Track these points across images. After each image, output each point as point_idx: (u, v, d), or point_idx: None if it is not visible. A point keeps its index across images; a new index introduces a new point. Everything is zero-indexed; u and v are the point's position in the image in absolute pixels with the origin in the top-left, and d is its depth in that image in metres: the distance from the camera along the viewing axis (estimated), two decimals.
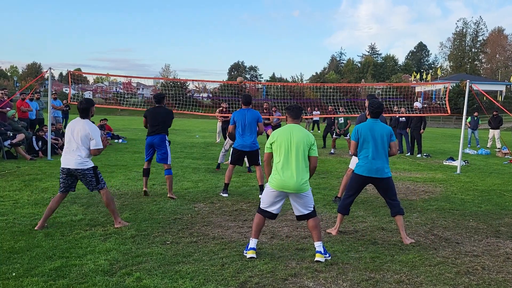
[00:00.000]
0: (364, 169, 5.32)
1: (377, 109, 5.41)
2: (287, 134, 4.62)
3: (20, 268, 4.05)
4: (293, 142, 4.56)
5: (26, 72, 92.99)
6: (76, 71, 33.25)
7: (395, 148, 5.40)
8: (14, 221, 5.58)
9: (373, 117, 5.44)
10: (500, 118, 19.41)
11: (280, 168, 4.56)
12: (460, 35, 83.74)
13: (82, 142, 5.34)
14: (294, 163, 4.53)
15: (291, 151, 4.55)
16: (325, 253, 4.56)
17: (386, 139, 5.32)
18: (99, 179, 5.46)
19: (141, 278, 3.92)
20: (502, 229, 5.99)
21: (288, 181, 4.50)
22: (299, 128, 4.68)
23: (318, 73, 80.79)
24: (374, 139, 5.29)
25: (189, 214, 6.24)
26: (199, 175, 9.55)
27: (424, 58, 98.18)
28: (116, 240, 4.93)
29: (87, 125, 5.39)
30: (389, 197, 5.36)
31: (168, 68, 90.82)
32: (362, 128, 5.38)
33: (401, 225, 5.31)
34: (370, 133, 5.31)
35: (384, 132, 5.33)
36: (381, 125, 5.40)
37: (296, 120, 4.77)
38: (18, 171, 9.26)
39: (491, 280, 4.17)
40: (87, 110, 5.46)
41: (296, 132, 4.61)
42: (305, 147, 4.57)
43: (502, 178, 10.51)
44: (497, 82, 66.54)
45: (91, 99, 5.79)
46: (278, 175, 4.55)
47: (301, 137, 4.59)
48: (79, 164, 5.33)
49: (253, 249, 4.59)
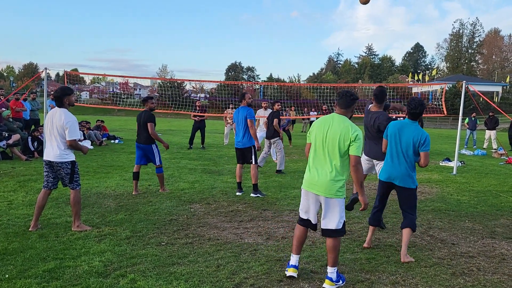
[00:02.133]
0: (384, 174, 4.85)
1: (414, 109, 4.67)
2: (325, 124, 3.94)
3: (14, 269, 4.02)
4: (329, 134, 3.87)
5: (23, 72, 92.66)
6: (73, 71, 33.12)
7: (424, 159, 4.60)
8: (8, 222, 5.55)
9: (410, 118, 4.73)
10: (496, 119, 19.46)
11: (311, 165, 3.99)
12: (457, 36, 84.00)
13: (59, 133, 5.17)
14: (325, 159, 3.88)
15: (324, 146, 3.90)
16: (337, 280, 3.89)
17: (412, 145, 4.61)
18: (73, 178, 5.28)
19: (135, 279, 3.89)
20: (497, 230, 5.99)
21: (317, 179, 3.89)
22: (342, 119, 3.91)
23: (315, 73, 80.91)
24: (400, 142, 4.68)
25: (185, 215, 6.22)
26: (195, 176, 9.53)
27: (421, 59, 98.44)
28: (110, 242, 4.91)
29: (63, 115, 5.16)
30: (405, 209, 4.78)
31: (165, 68, 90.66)
32: (392, 126, 4.83)
33: (406, 240, 4.69)
34: (398, 135, 4.71)
35: (415, 137, 4.60)
36: (416, 128, 4.66)
37: (343, 111, 3.97)
38: (13, 172, 9.21)
39: (486, 281, 4.17)
40: (59, 99, 5.21)
41: (335, 124, 3.89)
42: (342, 142, 3.81)
43: (498, 179, 10.53)
44: (494, 83, 66.75)
45: (67, 87, 5.45)
46: (308, 172, 4.00)
47: (340, 130, 3.83)
48: (57, 157, 5.18)
49: (294, 266, 4.03)
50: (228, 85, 38.74)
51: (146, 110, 7.63)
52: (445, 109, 13.18)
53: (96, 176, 9.03)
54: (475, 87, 14.84)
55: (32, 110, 14.13)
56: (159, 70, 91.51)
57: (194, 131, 15.57)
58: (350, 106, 3.98)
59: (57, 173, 5.33)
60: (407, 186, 4.70)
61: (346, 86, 24.17)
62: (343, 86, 23.43)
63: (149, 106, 7.69)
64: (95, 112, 40.60)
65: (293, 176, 9.95)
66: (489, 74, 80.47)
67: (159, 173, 7.65)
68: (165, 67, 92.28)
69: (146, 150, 7.57)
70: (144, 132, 7.49)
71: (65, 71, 13.68)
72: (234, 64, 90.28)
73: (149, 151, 7.57)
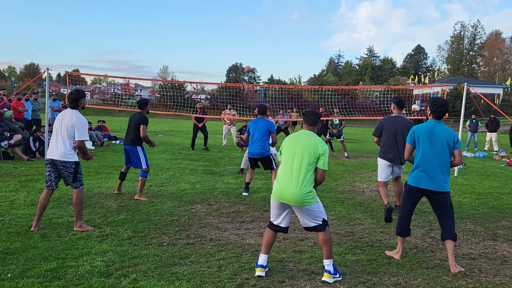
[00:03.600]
0: (419, 179, 4.56)
1: (441, 107, 4.56)
2: (295, 141, 4.21)
3: (16, 269, 4.03)
4: (298, 149, 4.12)
5: (24, 73, 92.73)
6: (74, 72, 33.19)
7: (459, 157, 4.57)
8: (10, 222, 5.56)
9: (435, 117, 4.59)
10: (497, 121, 19.45)
11: (280, 177, 4.17)
12: (458, 38, 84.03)
13: (68, 132, 5.24)
14: (294, 172, 4.07)
15: (294, 159, 4.12)
16: (334, 273, 4.07)
17: (447, 146, 4.51)
18: (76, 178, 5.33)
19: (137, 279, 3.90)
20: (499, 232, 5.99)
21: (286, 191, 4.06)
22: (310, 135, 4.20)
23: (316, 75, 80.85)
24: (433, 144, 4.52)
25: (186, 216, 6.22)
26: (197, 177, 9.53)
27: (422, 61, 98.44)
28: (112, 242, 4.91)
29: (75, 116, 5.28)
30: (442, 215, 4.57)
31: (166, 69, 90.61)
32: (419, 130, 4.61)
33: (451, 250, 4.50)
34: (429, 137, 4.55)
35: (447, 137, 4.52)
36: (443, 128, 4.57)
37: (311, 128, 4.28)
38: (15, 172, 9.23)
39: (488, 283, 4.17)
40: (76, 101, 5.38)
41: (304, 140, 4.16)
42: (311, 156, 4.06)
43: (499, 181, 10.52)
44: (495, 85, 66.77)
45: (82, 90, 5.70)
46: (277, 184, 4.18)
47: (309, 145, 4.10)
48: (62, 156, 5.22)
49: (261, 266, 4.15)
50: (229, 86, 38.74)
51: (141, 113, 7.40)
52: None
53: (97, 177, 9.04)
54: (476, 89, 14.82)
55: (33, 111, 14.15)
56: (160, 71, 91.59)
57: (196, 133, 15.57)
58: (315, 123, 4.31)
59: (59, 172, 5.34)
60: (444, 190, 4.55)
61: (346, 88, 24.16)
62: (343, 89, 23.45)
63: (147, 110, 7.54)
64: (96, 112, 40.65)
65: None
66: (490, 76, 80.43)
67: (143, 177, 7.21)
68: (166, 68, 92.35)
69: (130, 152, 7.29)
70: (132, 133, 7.26)
71: (67, 72, 13.70)
72: (235, 65, 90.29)
73: (133, 153, 7.26)
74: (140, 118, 7.29)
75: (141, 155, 7.29)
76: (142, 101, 7.64)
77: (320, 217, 4.13)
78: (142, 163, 7.27)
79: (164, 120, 42.08)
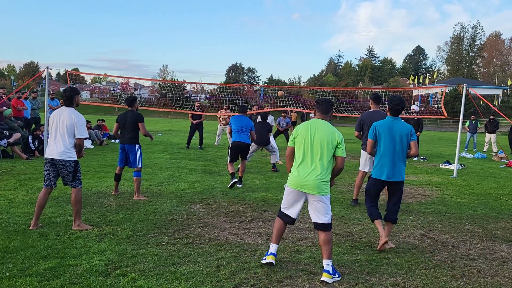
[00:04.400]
0: (381, 172, 4.99)
1: (397, 105, 4.97)
2: (311, 129, 4.25)
3: (14, 268, 4.02)
4: (316, 138, 4.19)
5: (24, 71, 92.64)
6: (74, 71, 33.17)
7: (415, 148, 5.02)
8: (9, 220, 5.55)
9: (392, 114, 5.03)
10: (496, 122, 19.47)
11: (299, 166, 4.24)
12: (458, 39, 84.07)
13: (68, 131, 5.23)
14: (314, 161, 4.17)
15: (312, 148, 4.19)
16: (333, 273, 4.09)
17: (405, 140, 4.95)
18: (75, 176, 5.32)
19: (136, 279, 3.90)
20: (498, 232, 6.00)
21: (307, 179, 4.15)
22: (325, 124, 4.27)
23: (316, 75, 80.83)
24: (393, 139, 4.94)
25: (185, 215, 6.22)
26: (196, 176, 9.53)
27: (421, 62, 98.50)
28: (111, 241, 4.91)
29: (73, 114, 5.27)
30: (393, 201, 5.09)
31: (166, 69, 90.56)
32: (380, 126, 5.02)
33: (389, 230, 5.12)
34: (389, 132, 4.96)
35: (404, 130, 4.96)
36: (401, 123, 5.01)
37: (324, 116, 4.33)
38: (13, 170, 9.22)
39: (486, 283, 4.17)
40: (71, 98, 5.35)
41: (321, 128, 4.23)
42: (330, 145, 4.17)
43: (498, 182, 10.53)
44: (494, 86, 66.86)
45: (75, 87, 5.66)
46: (296, 173, 4.24)
47: (326, 134, 4.19)
48: (61, 154, 5.21)
49: (272, 254, 4.35)
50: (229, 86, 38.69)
51: (133, 110, 7.36)
52: (445, 112, 13.18)
53: (96, 176, 9.04)
54: (476, 90, 14.85)
55: (33, 109, 14.15)
56: (159, 71, 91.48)
57: (192, 132, 15.68)
58: (329, 111, 4.37)
59: (59, 171, 5.33)
60: (402, 180, 5.04)
61: (346, 90, 24.18)
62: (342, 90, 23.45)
63: (136, 106, 7.53)
64: (95, 111, 40.65)
65: None
66: (489, 77, 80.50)
67: (137, 177, 7.18)
68: (165, 67, 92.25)
69: (129, 151, 7.24)
70: (130, 132, 7.21)
71: (67, 71, 13.70)
72: (234, 65, 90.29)
73: (132, 152, 7.21)
74: (136, 116, 7.27)
75: (139, 154, 7.29)
76: (130, 98, 7.60)
77: (329, 215, 4.23)
78: (138, 161, 7.26)
79: (163, 120, 42.06)
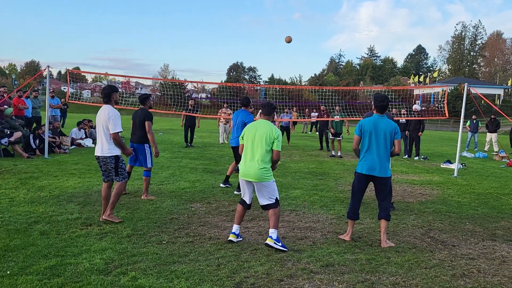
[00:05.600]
0: (365, 166, 5.17)
1: (382, 102, 5.14)
2: (254, 128, 5.02)
3: (15, 266, 4.03)
4: (257, 135, 4.94)
5: (24, 70, 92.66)
6: (75, 69, 33.22)
7: (398, 146, 5.21)
8: (10, 219, 5.56)
9: (378, 111, 5.19)
10: (497, 122, 19.45)
11: (244, 159, 5.01)
12: (459, 39, 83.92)
13: (104, 127, 5.44)
14: (255, 154, 4.91)
15: (253, 144, 4.95)
16: (277, 240, 4.81)
17: (389, 136, 5.11)
18: (118, 171, 5.56)
19: (136, 277, 3.90)
20: (498, 232, 6.00)
21: (249, 170, 4.90)
22: (266, 123, 5.01)
23: (317, 74, 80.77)
24: (377, 136, 5.10)
25: (186, 214, 6.23)
26: (196, 175, 9.54)
27: (422, 61, 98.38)
28: (112, 239, 4.92)
29: (108, 109, 5.47)
30: (382, 198, 5.24)
31: (167, 68, 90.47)
32: (365, 123, 5.18)
33: (384, 228, 5.18)
34: (374, 129, 5.11)
35: (388, 128, 5.11)
36: (386, 121, 5.16)
37: (266, 117, 5.12)
38: (14, 169, 9.23)
39: (486, 283, 4.17)
40: (109, 95, 5.57)
41: (261, 127, 4.97)
42: (268, 140, 4.89)
43: (499, 182, 10.53)
44: (495, 85, 66.76)
45: (113, 85, 5.87)
46: (243, 165, 5.00)
47: (265, 131, 4.92)
48: (101, 151, 5.47)
49: (233, 233, 5.05)
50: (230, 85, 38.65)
51: (144, 108, 7.35)
52: (447, 112, 13.17)
53: (97, 174, 9.04)
54: (477, 90, 14.82)
55: (34, 108, 14.16)
56: (160, 70, 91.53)
57: (186, 130, 16.19)
58: (270, 113, 5.13)
59: (104, 167, 5.58)
60: (386, 175, 5.16)
61: (347, 89, 24.15)
62: (344, 89, 23.44)
63: (149, 105, 7.49)
64: (96, 110, 40.65)
65: (294, 177, 9.96)
66: (491, 76, 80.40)
67: (147, 177, 7.19)
68: (166, 66, 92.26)
69: (138, 150, 7.19)
70: (140, 130, 7.18)
71: (68, 70, 13.71)
72: (235, 64, 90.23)
73: (141, 151, 7.17)
74: (144, 114, 7.23)
75: (148, 153, 7.24)
76: (142, 96, 7.64)
77: (274, 196, 4.97)
78: (148, 161, 7.22)
79: (164, 119, 42.06)
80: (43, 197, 6.83)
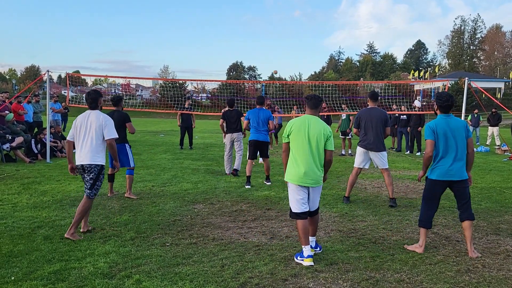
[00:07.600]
0: (444, 173, 4.73)
1: (447, 102, 4.73)
2: (304, 125, 4.48)
3: (19, 271, 4.04)
4: (311, 134, 4.44)
5: (25, 75, 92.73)
6: (75, 73, 33.22)
7: (471, 146, 4.80)
8: (13, 224, 5.57)
9: (443, 112, 4.76)
10: (499, 115, 19.40)
11: (300, 161, 4.44)
12: (458, 33, 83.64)
13: (97, 133, 5.16)
14: (314, 156, 4.43)
15: (309, 143, 4.44)
16: (315, 247, 4.68)
17: (465, 136, 4.72)
18: (94, 185, 5.17)
19: (140, 280, 3.90)
20: (502, 226, 5.98)
21: (309, 174, 4.42)
22: (316, 120, 4.52)
23: (317, 72, 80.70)
24: (454, 137, 4.69)
25: (189, 216, 6.23)
26: (199, 176, 9.54)
27: (422, 56, 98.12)
28: (115, 243, 4.92)
29: (100, 115, 5.25)
30: (465, 201, 4.83)
31: (167, 69, 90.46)
32: (438, 125, 4.72)
33: (470, 233, 4.77)
34: (450, 131, 4.69)
35: (461, 127, 4.72)
36: (455, 119, 4.77)
37: (314, 111, 4.58)
38: (17, 174, 9.24)
39: (491, 278, 4.16)
40: (96, 100, 5.31)
41: (314, 124, 4.48)
42: (322, 139, 4.45)
43: (502, 176, 10.50)
44: (496, 79, 66.54)
45: (98, 90, 5.70)
46: (298, 168, 4.45)
47: (319, 129, 4.46)
48: (90, 159, 5.10)
49: (310, 256, 4.37)
50: (230, 84, 38.69)
51: (119, 110, 7.36)
52: None
53: None
54: (478, 84, 14.79)
55: (35, 113, 14.17)
56: (160, 71, 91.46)
57: (183, 132, 15.74)
58: (318, 106, 4.60)
59: (83, 175, 5.20)
60: (466, 178, 4.81)
61: (347, 84, 24.12)
62: (345, 84, 23.42)
63: (122, 106, 7.55)
64: None
65: None
66: (491, 70, 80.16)
67: (130, 175, 7.31)
68: (166, 67, 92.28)
69: (119, 150, 6.97)
70: (119, 132, 6.94)
71: (67, 73, 13.71)
72: (235, 64, 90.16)
73: (122, 151, 7.11)
74: (122, 116, 7.28)
75: (129, 153, 7.37)
76: (116, 98, 7.61)
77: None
78: (130, 161, 7.35)
79: (165, 120, 42.08)
80: (46, 201, 6.84)
